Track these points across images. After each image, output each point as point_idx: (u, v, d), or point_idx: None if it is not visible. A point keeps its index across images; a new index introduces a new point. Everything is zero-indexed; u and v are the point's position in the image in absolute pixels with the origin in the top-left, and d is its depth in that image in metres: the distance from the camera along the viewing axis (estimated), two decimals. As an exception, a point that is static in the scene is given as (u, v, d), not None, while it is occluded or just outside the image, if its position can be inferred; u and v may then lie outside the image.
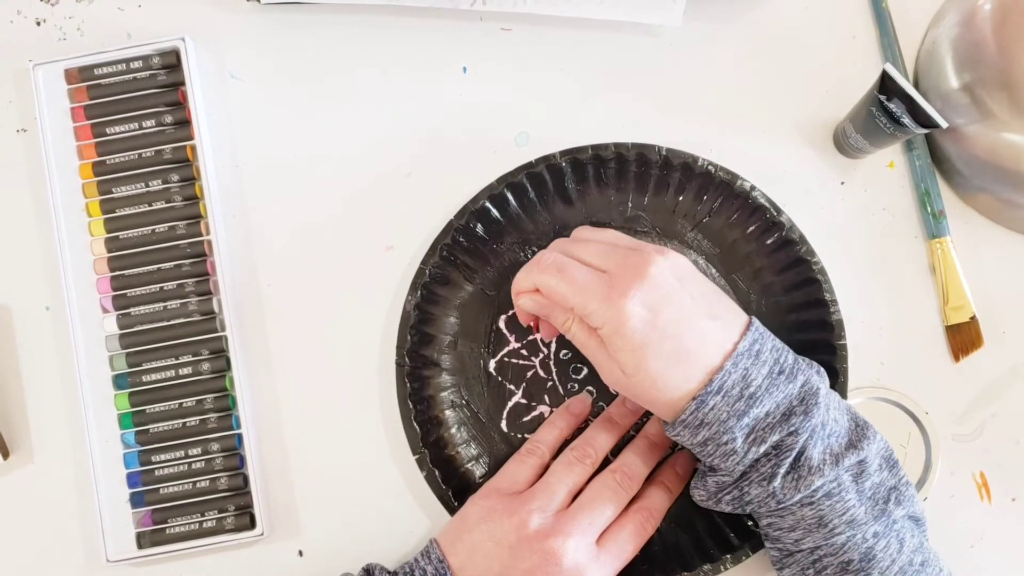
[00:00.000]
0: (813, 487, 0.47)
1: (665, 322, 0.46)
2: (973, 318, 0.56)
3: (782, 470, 0.47)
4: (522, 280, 0.50)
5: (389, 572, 0.51)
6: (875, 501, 0.48)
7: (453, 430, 0.56)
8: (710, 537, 0.54)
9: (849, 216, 0.58)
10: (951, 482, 0.56)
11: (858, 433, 0.48)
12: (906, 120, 0.51)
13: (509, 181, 0.56)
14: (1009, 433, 0.57)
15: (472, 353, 0.57)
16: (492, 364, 0.57)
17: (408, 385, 0.55)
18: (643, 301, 0.46)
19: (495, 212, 0.56)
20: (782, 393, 0.47)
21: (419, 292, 0.55)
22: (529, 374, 0.57)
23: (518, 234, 0.57)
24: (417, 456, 0.55)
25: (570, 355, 0.57)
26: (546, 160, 0.56)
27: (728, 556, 0.53)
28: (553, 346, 0.57)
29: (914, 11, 0.59)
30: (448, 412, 0.56)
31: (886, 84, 0.50)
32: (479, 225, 0.56)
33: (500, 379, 0.57)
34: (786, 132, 0.59)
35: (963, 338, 0.57)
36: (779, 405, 0.47)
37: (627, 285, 0.46)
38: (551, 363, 0.57)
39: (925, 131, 0.51)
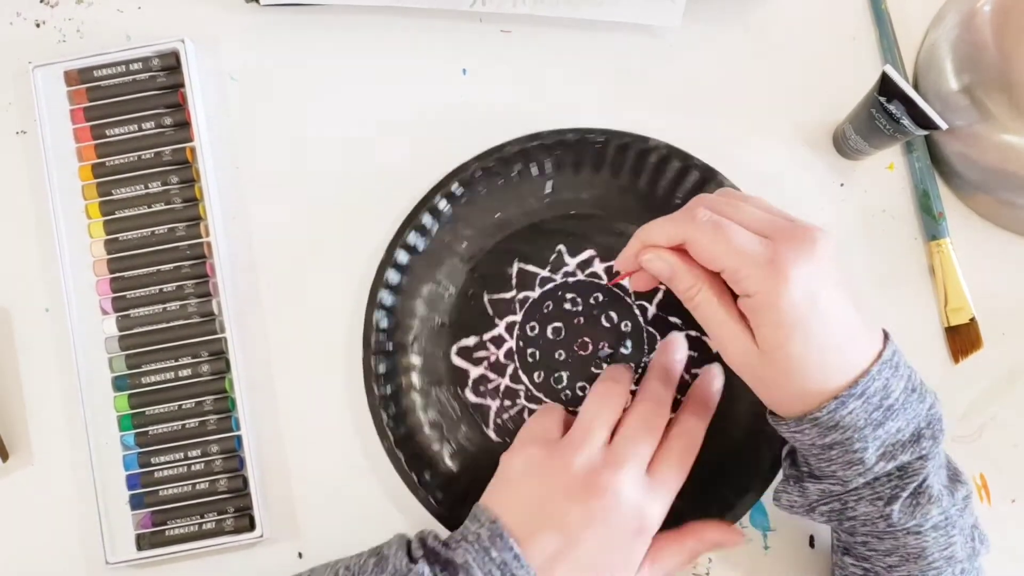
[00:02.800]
0: (929, 516, 0.45)
1: (826, 306, 0.43)
2: (973, 320, 0.56)
3: (905, 494, 0.45)
4: (657, 232, 0.47)
5: (441, 540, 0.48)
6: (965, 538, 0.47)
7: (427, 430, 0.56)
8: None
9: (848, 218, 0.58)
10: (951, 484, 0.56)
11: (955, 470, 0.47)
12: (906, 121, 0.51)
13: (482, 165, 0.56)
14: (1009, 435, 0.57)
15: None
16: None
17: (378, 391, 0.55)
18: (808, 277, 0.42)
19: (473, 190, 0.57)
20: (913, 411, 0.45)
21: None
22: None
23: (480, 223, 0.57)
24: (385, 443, 0.55)
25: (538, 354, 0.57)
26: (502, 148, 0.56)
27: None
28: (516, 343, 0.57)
29: (914, 13, 0.59)
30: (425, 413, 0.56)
31: (886, 85, 0.50)
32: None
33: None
34: (786, 133, 0.59)
35: (963, 340, 0.57)
36: (909, 423, 0.45)
37: (795, 256, 0.43)
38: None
39: (925, 133, 0.51)
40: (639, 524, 0.47)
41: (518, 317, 0.56)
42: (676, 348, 0.54)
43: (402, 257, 0.56)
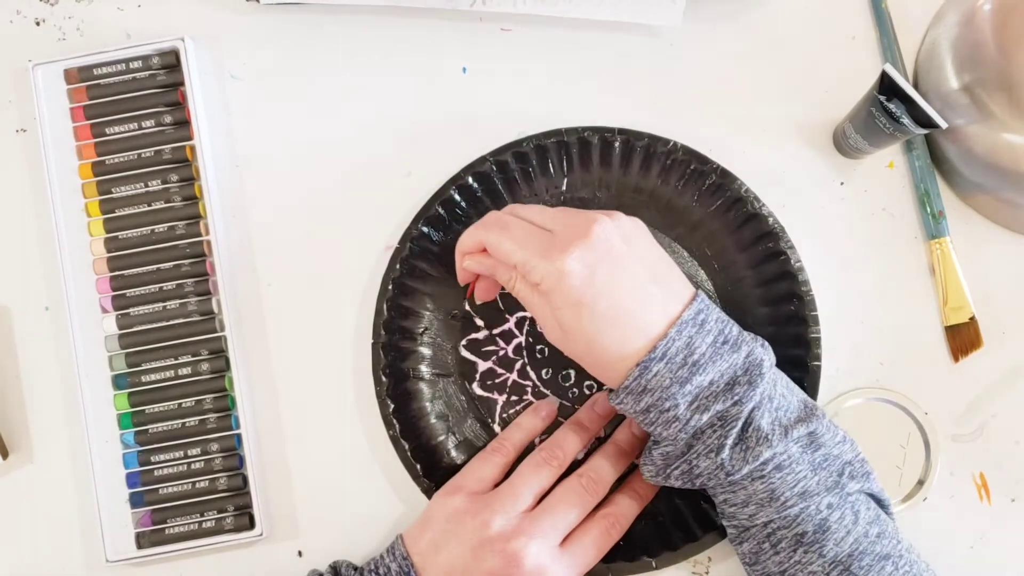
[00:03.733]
0: (762, 458, 0.47)
1: (603, 280, 0.46)
2: (972, 319, 0.56)
3: (729, 441, 0.47)
4: (467, 239, 0.51)
5: (356, 568, 0.52)
6: (828, 473, 0.48)
7: (433, 419, 0.56)
8: (674, 526, 0.54)
9: (848, 216, 0.58)
10: (951, 483, 0.56)
11: (807, 411, 0.48)
12: (906, 120, 0.51)
13: (493, 159, 0.56)
14: (1009, 434, 0.57)
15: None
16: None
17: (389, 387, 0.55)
18: (583, 258, 0.46)
19: (476, 187, 0.57)
20: (726, 362, 0.47)
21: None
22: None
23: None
24: (391, 433, 0.55)
25: (545, 349, 0.57)
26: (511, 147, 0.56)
27: (690, 545, 0.54)
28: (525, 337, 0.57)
29: (914, 11, 0.59)
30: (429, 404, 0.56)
31: (886, 84, 0.50)
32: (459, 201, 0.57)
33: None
34: (786, 132, 0.59)
35: (962, 339, 0.57)
36: (723, 374, 0.47)
37: (568, 242, 0.46)
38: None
39: (925, 131, 0.51)
40: None
41: (528, 312, 0.56)
42: (634, 426, 0.55)
43: (416, 249, 0.56)
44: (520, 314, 0.57)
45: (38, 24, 0.60)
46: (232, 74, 0.59)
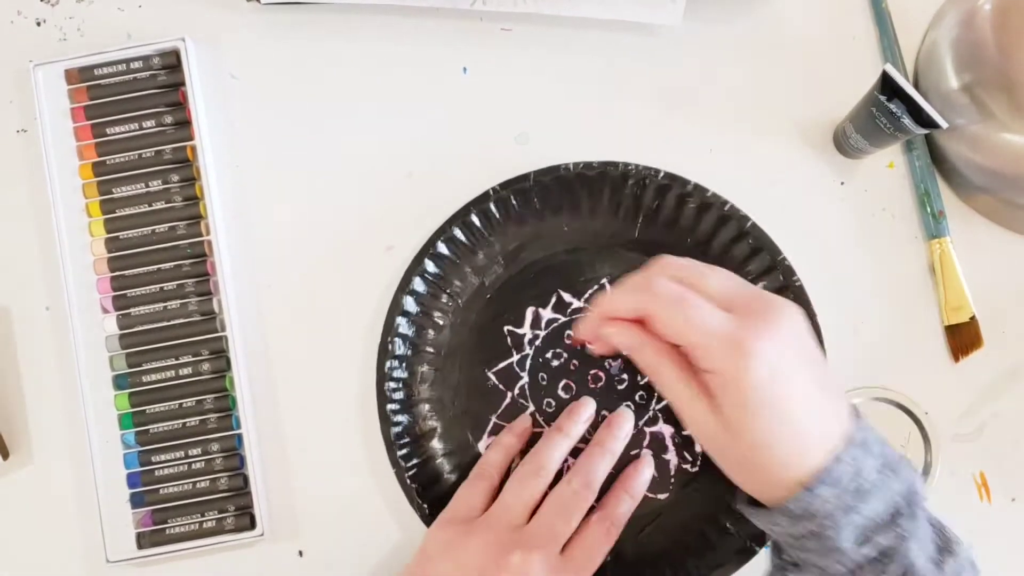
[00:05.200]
0: None
1: (791, 387, 0.41)
2: (973, 318, 0.56)
3: None
4: (621, 303, 0.45)
5: None
6: None
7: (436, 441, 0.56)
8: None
9: (849, 216, 0.58)
10: (951, 482, 0.56)
11: (943, 536, 0.45)
12: (906, 120, 0.51)
13: (512, 186, 0.56)
14: (1009, 433, 0.57)
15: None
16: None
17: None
18: (773, 355, 0.41)
19: (478, 222, 0.56)
20: (890, 491, 0.42)
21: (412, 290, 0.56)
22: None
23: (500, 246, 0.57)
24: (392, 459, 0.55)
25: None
26: (550, 172, 0.56)
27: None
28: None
29: (914, 11, 0.59)
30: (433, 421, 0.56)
31: (886, 84, 0.50)
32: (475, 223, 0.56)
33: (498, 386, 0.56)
34: (786, 132, 0.59)
35: (963, 338, 0.57)
36: (887, 504, 0.42)
37: (760, 333, 0.41)
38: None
39: (925, 131, 0.51)
40: None
41: (524, 379, 0.56)
42: (620, 424, 0.54)
43: (433, 259, 0.56)
44: (520, 384, 0.56)
45: (39, 24, 0.60)
46: (233, 74, 0.59)
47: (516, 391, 0.56)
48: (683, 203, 0.55)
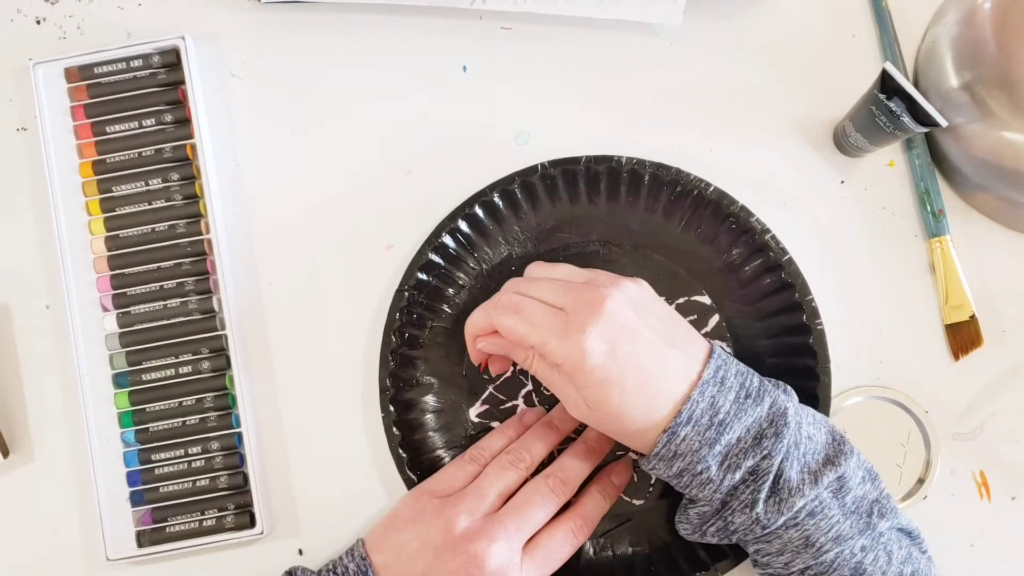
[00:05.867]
0: (795, 508, 0.46)
1: (624, 355, 0.46)
2: (973, 317, 0.56)
3: (762, 495, 0.47)
4: (479, 321, 0.50)
5: (312, 572, 0.51)
6: (859, 515, 0.48)
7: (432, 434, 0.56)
8: (683, 558, 0.54)
9: (849, 215, 0.58)
10: (951, 481, 0.56)
11: (835, 448, 0.48)
12: (906, 119, 0.51)
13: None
14: (1009, 432, 0.57)
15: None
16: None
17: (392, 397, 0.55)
18: (601, 336, 0.46)
19: (483, 215, 0.56)
20: (751, 417, 0.47)
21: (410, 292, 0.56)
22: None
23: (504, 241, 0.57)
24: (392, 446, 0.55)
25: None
26: (535, 170, 0.56)
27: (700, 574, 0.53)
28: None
29: (914, 10, 0.59)
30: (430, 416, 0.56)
31: (886, 83, 0.50)
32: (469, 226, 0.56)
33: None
34: (786, 131, 0.59)
35: (963, 337, 0.57)
36: (749, 429, 0.47)
37: (584, 321, 0.46)
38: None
39: (925, 130, 0.51)
40: None
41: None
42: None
43: (436, 251, 0.56)
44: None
45: (39, 23, 0.60)
46: (232, 72, 0.59)
47: (518, 367, 0.56)
48: (724, 221, 0.55)
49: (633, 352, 0.46)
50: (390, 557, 0.50)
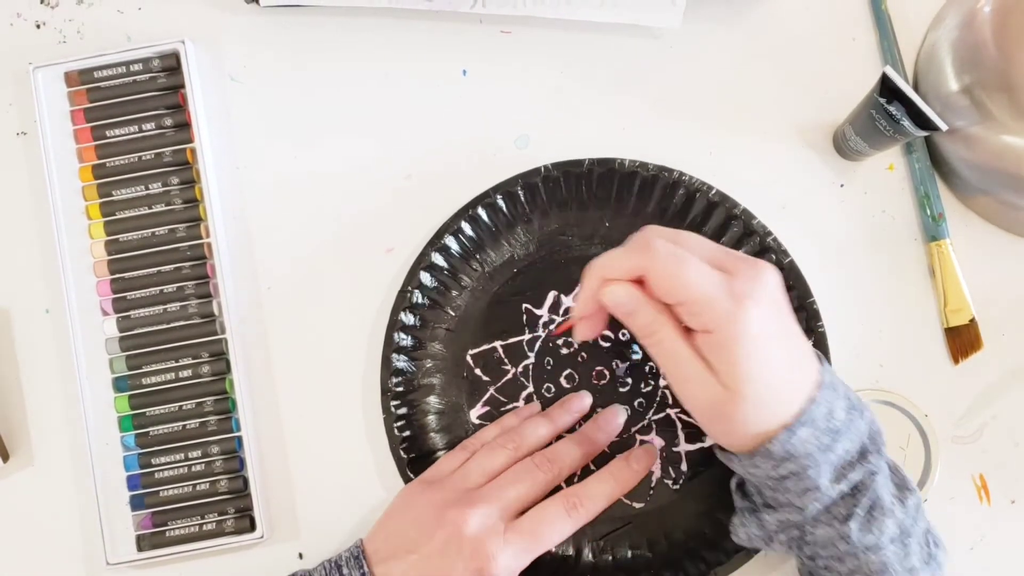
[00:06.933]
0: (885, 530, 0.45)
1: (778, 333, 0.44)
2: (972, 320, 0.56)
3: (860, 511, 0.45)
4: (617, 263, 0.45)
5: (309, 571, 0.51)
6: (922, 545, 0.46)
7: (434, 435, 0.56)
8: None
9: (848, 218, 0.58)
10: (951, 484, 0.56)
11: (900, 474, 0.47)
12: (906, 123, 0.51)
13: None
14: (1009, 435, 0.57)
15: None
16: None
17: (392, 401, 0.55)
18: (763, 308, 0.43)
19: (485, 218, 0.56)
20: (857, 429, 0.45)
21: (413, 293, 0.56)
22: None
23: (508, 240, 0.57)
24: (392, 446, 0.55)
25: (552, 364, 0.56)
26: (537, 172, 0.56)
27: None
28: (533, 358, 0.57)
29: (914, 13, 0.59)
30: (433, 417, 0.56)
31: (886, 86, 0.50)
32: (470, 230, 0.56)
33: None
34: (786, 134, 0.59)
35: (962, 340, 0.57)
36: (855, 442, 0.45)
37: (750, 288, 0.43)
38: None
39: (925, 134, 0.51)
40: (479, 565, 0.48)
41: (531, 360, 0.57)
42: (608, 420, 0.54)
43: (439, 252, 0.56)
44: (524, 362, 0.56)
45: (38, 27, 0.60)
46: (232, 76, 0.59)
47: (520, 369, 0.56)
48: (728, 224, 0.55)
49: (784, 334, 0.44)
50: (382, 540, 0.50)
